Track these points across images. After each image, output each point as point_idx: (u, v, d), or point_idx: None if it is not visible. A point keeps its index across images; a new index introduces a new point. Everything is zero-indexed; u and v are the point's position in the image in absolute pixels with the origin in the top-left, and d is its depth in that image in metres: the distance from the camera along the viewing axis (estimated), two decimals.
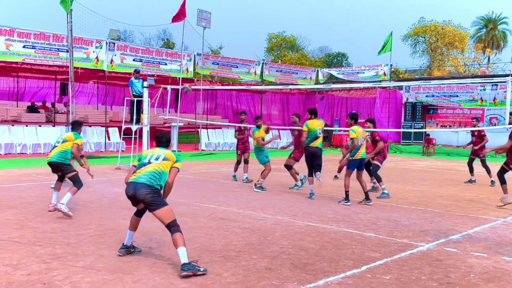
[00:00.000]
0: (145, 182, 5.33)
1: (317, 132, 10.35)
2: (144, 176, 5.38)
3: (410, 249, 6.36)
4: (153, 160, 5.53)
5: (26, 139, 18.62)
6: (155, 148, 5.80)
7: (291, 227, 7.41)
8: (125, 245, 5.68)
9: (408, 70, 49.36)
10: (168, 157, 5.59)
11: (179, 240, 5.17)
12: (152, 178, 5.38)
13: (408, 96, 29.53)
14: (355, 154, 9.58)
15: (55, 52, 19.11)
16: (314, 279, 5.04)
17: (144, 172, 5.41)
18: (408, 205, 9.79)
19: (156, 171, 5.43)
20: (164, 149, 5.76)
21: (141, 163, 5.57)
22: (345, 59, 57.68)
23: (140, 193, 5.28)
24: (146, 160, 5.55)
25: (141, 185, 5.30)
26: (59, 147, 8.20)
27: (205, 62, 24.69)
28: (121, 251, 5.64)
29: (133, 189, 5.34)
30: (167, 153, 5.64)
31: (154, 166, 5.46)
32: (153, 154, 5.62)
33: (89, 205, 8.75)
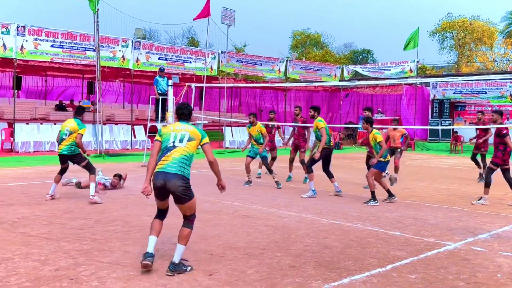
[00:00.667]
0: (176, 172, 4.95)
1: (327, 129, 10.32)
2: (173, 165, 4.97)
3: (437, 248, 6.26)
4: (178, 143, 5.07)
5: (54, 136, 18.94)
6: (177, 123, 5.32)
7: (315, 225, 7.37)
8: (151, 253, 5.04)
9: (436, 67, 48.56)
10: (192, 136, 5.15)
11: (185, 237, 5.05)
12: (182, 166, 4.99)
13: (435, 93, 29.03)
14: (387, 156, 9.48)
15: (82, 51, 19.43)
16: (338, 277, 5.00)
17: (172, 160, 4.98)
18: (435, 203, 9.64)
19: (184, 157, 5.03)
20: (186, 123, 5.29)
21: (165, 147, 5.09)
22: (371, 55, 57.11)
23: (172, 184, 4.94)
24: (170, 143, 5.08)
25: (173, 175, 4.93)
26: (67, 140, 8.85)
27: (229, 60, 24.76)
28: (150, 260, 4.97)
29: (163, 179, 4.95)
30: (191, 131, 5.18)
31: (181, 151, 5.04)
32: (177, 134, 5.13)
33: (115, 202, 8.87)
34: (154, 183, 5.04)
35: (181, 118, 5.35)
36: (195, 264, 5.30)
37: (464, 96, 28.14)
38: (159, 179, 4.98)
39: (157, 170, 5.03)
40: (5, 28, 17.40)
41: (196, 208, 5.37)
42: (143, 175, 12.89)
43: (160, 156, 5.10)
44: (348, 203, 9.37)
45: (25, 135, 18.12)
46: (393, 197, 9.55)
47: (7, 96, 25.92)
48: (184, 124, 5.27)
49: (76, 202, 8.70)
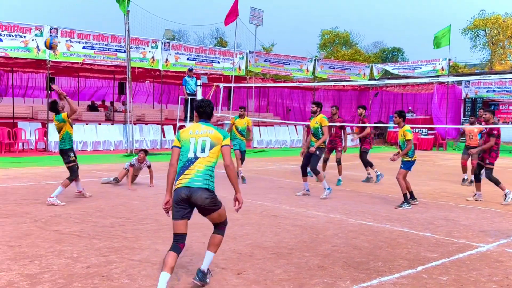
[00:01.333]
0: (202, 186, 4.47)
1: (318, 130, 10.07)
2: (199, 179, 4.47)
3: (469, 249, 6.13)
4: (200, 153, 4.53)
5: (87, 136, 19.41)
6: (198, 125, 4.70)
7: (343, 226, 7.32)
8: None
9: (468, 65, 47.50)
10: (214, 141, 4.59)
11: (216, 244, 4.70)
12: (207, 179, 4.52)
13: (467, 92, 28.38)
14: (414, 155, 9.17)
15: (113, 53, 19.78)
16: (367, 279, 4.95)
17: (197, 173, 4.48)
18: (467, 204, 9.44)
19: (209, 168, 4.54)
20: (206, 124, 4.70)
21: (187, 159, 4.53)
22: (401, 54, 56.24)
23: (198, 196, 4.45)
24: (191, 155, 4.53)
25: (198, 190, 4.45)
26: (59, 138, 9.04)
27: (257, 60, 24.80)
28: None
29: (188, 193, 4.45)
30: (212, 136, 4.60)
31: (205, 162, 4.53)
32: (197, 141, 4.56)
33: (145, 201, 9.00)
34: (177, 195, 4.48)
35: (202, 117, 4.79)
36: (224, 263, 5.34)
37: (498, 94, 27.40)
38: (182, 192, 4.46)
39: (181, 186, 4.47)
40: (39, 30, 17.87)
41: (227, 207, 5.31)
42: None
43: (182, 168, 4.55)
44: (377, 204, 9.26)
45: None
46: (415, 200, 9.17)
47: (40, 97, 26.62)
48: (205, 125, 4.68)
49: (107, 201, 8.87)
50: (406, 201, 8.95)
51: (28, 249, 5.68)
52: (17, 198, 8.89)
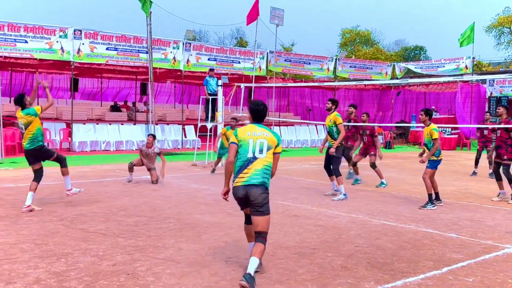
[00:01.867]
0: (259, 183, 4.82)
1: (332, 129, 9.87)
2: (257, 177, 4.83)
3: (495, 251, 6.02)
4: (258, 153, 4.87)
5: (110, 136, 19.67)
6: (254, 127, 5.01)
7: (366, 226, 7.27)
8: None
9: (492, 63, 46.62)
10: (270, 144, 4.93)
11: (260, 252, 4.71)
12: (264, 177, 4.87)
13: (492, 90, 27.87)
14: (440, 154, 8.98)
15: (136, 54, 20.00)
16: (392, 279, 4.91)
17: (255, 172, 4.83)
18: (493, 205, 9.27)
19: (266, 167, 4.88)
20: (262, 127, 5.01)
21: (245, 159, 4.87)
22: (424, 52, 55.57)
23: (253, 192, 4.78)
24: (250, 155, 4.87)
25: (255, 186, 4.81)
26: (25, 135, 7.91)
27: (277, 60, 24.78)
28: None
29: (244, 191, 4.82)
30: (269, 138, 4.93)
31: (263, 162, 4.87)
32: (255, 142, 4.89)
33: (168, 200, 9.08)
34: (235, 194, 4.92)
35: (256, 119, 5.10)
36: (246, 263, 5.34)
37: None
38: (241, 191, 4.85)
39: (239, 185, 4.85)
40: (63, 32, 18.18)
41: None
42: (194, 174, 13.19)
43: (240, 167, 4.90)
44: (400, 204, 9.17)
45: (82, 135, 18.87)
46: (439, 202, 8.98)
47: (65, 98, 27.07)
48: (261, 128, 5.00)
49: (130, 200, 8.97)
50: (430, 201, 8.80)
51: (55, 247, 5.79)
52: (43, 197, 9.06)
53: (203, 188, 10.56)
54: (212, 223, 7.21)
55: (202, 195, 9.73)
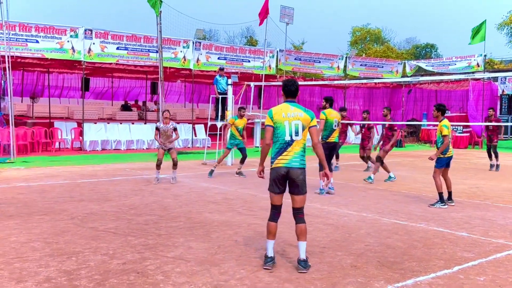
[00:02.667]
0: (299, 166, 5.14)
1: (333, 123, 10.04)
2: (296, 159, 5.12)
3: (507, 249, 5.96)
4: (295, 136, 5.12)
5: (121, 135, 19.78)
6: (287, 106, 5.20)
7: (376, 225, 7.23)
8: (271, 256, 5.18)
9: (504, 61, 46.10)
10: (304, 123, 5.16)
11: (303, 233, 5.12)
12: (302, 159, 5.18)
13: (504, 88, 27.59)
14: (447, 152, 8.85)
15: (146, 53, 20.10)
16: (402, 278, 4.88)
17: (295, 155, 5.12)
18: (505, 203, 9.18)
19: (303, 150, 5.19)
20: (294, 105, 5.22)
21: (283, 141, 5.12)
22: (435, 50, 55.12)
23: (294, 172, 5.11)
24: (287, 137, 5.11)
25: (295, 169, 5.12)
26: None
27: (287, 58, 24.74)
28: (269, 264, 5.11)
29: (286, 170, 5.11)
30: (302, 118, 5.15)
31: (300, 144, 5.16)
32: (290, 124, 5.11)
33: (178, 199, 9.11)
34: (276, 173, 5.14)
35: (288, 96, 5.29)
36: (256, 261, 5.35)
37: None
38: (282, 171, 5.11)
39: (281, 166, 5.11)
40: (74, 32, 18.31)
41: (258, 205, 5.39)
42: (204, 173, 13.23)
43: (280, 149, 5.15)
44: (411, 203, 9.11)
45: (93, 134, 18.99)
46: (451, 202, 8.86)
47: (76, 97, 27.27)
48: (294, 107, 5.20)
49: (140, 199, 9.02)
50: (441, 200, 8.73)
51: (65, 245, 5.84)
52: (54, 196, 9.13)
53: (213, 187, 10.58)
54: (222, 222, 7.22)
55: (212, 194, 9.74)
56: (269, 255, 5.18)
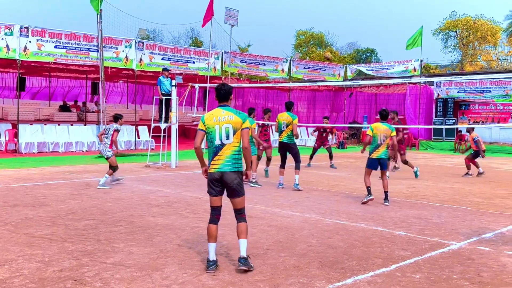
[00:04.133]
0: (231, 170, 5.18)
1: (281, 125, 10.97)
2: (228, 163, 5.17)
3: (441, 247, 6.23)
4: (225, 140, 5.17)
5: (58, 137, 19.06)
6: (219, 110, 5.27)
7: (319, 225, 7.36)
8: (213, 260, 5.15)
9: (439, 65, 48.40)
10: (235, 126, 5.20)
11: (245, 231, 5.23)
12: (235, 162, 5.21)
13: (439, 92, 28.91)
14: (372, 153, 9.31)
15: (86, 52, 19.47)
16: (342, 278, 4.98)
17: (226, 159, 5.17)
18: (440, 203, 9.60)
19: (234, 152, 5.20)
20: (226, 109, 5.26)
21: (214, 146, 5.19)
22: (374, 54, 56.96)
23: (228, 177, 5.18)
24: (217, 141, 5.18)
25: (229, 173, 5.17)
26: None
27: (232, 60, 24.76)
28: (212, 268, 5.07)
29: (220, 175, 5.19)
30: (233, 121, 5.19)
31: (231, 148, 5.19)
32: (221, 128, 5.16)
33: (119, 202, 8.88)
34: (211, 179, 5.24)
35: (220, 101, 5.34)
36: (199, 265, 5.29)
37: (468, 95, 28.00)
38: (216, 176, 5.20)
39: (214, 171, 5.20)
40: (8, 29, 17.45)
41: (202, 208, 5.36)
42: (147, 176, 12.94)
43: (212, 154, 5.23)
44: (352, 203, 9.34)
45: (29, 136, 18.18)
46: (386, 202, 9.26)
47: (11, 97, 26.03)
48: (225, 110, 5.25)
49: (79, 203, 8.71)
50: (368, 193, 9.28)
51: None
52: None
53: (156, 190, 10.40)
54: (165, 226, 7.10)
55: (155, 197, 9.57)
56: (210, 259, 5.15)
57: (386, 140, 9.28)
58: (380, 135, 9.24)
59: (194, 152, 5.40)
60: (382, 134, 9.25)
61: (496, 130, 26.31)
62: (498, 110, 26.94)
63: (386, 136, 9.26)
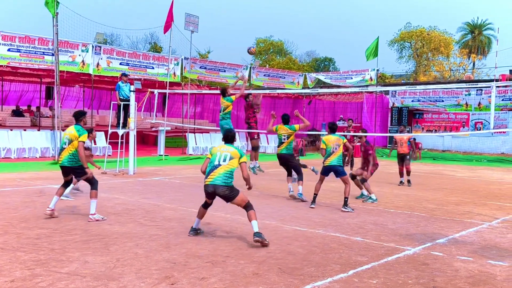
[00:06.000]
0: (221, 183, 6.62)
1: (281, 137, 10.97)
2: (219, 178, 6.63)
3: (397, 253, 6.38)
4: (222, 162, 6.70)
5: (11, 143, 18.39)
6: (223, 145, 6.97)
7: (278, 232, 7.39)
8: (195, 228, 6.96)
9: (395, 75, 49.78)
10: (233, 156, 6.76)
11: (253, 215, 6.63)
12: (225, 178, 6.65)
13: (394, 101, 29.74)
14: (325, 161, 9.85)
15: (41, 56, 18.90)
16: (301, 284, 5.02)
17: (218, 175, 6.65)
18: (395, 209, 9.84)
19: (227, 172, 6.66)
20: (229, 145, 6.95)
21: (212, 165, 6.74)
22: (332, 63, 58.03)
23: (220, 191, 6.64)
24: (216, 162, 6.72)
25: (219, 186, 6.61)
26: (67, 149, 7.99)
27: (192, 66, 24.63)
28: (191, 233, 6.89)
29: (213, 188, 6.67)
30: (232, 152, 6.79)
31: (225, 168, 6.67)
32: (221, 154, 6.77)
33: (75, 210, 8.64)
34: (205, 190, 6.76)
35: (226, 141, 7.06)
36: (157, 273, 5.22)
37: (422, 104, 28.95)
38: (209, 188, 6.71)
39: (208, 183, 6.71)
40: None
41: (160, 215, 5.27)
42: (103, 183, 12.70)
43: (209, 171, 6.76)
44: (311, 210, 9.44)
45: None
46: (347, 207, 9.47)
47: None
48: (228, 146, 6.95)
49: (32, 211, 8.42)
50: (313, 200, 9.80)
51: None
52: None
53: (113, 197, 10.19)
54: (122, 234, 6.96)
55: (112, 204, 9.37)
56: (194, 226, 6.97)
57: (339, 148, 9.79)
58: (333, 145, 9.81)
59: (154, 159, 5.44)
60: (334, 143, 9.81)
61: (448, 138, 27.27)
62: (451, 119, 27.95)
63: (339, 145, 9.81)
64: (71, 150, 7.97)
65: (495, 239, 7.33)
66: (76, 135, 7.98)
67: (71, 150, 7.97)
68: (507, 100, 25.80)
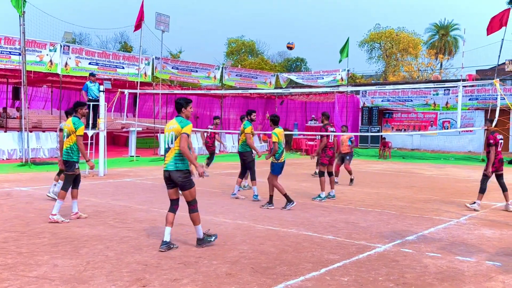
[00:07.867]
0: (173, 169, 6.19)
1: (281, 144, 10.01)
2: (171, 163, 6.21)
3: (368, 250, 6.46)
4: (170, 144, 6.23)
5: None
6: (172, 121, 6.33)
7: (251, 232, 7.40)
8: (167, 242, 6.19)
9: (365, 75, 50.45)
10: (176, 133, 6.19)
11: (197, 219, 6.35)
12: (175, 162, 6.20)
13: (364, 101, 30.15)
14: (280, 157, 9.61)
15: (7, 55, 18.42)
16: (274, 283, 5.04)
17: (170, 160, 6.22)
18: (366, 207, 9.97)
19: (176, 155, 6.19)
20: (176, 119, 6.29)
21: (165, 150, 6.32)
22: (304, 64, 58.41)
23: (173, 175, 6.20)
24: (167, 145, 6.28)
25: (172, 171, 6.20)
26: (65, 143, 7.98)
27: (164, 66, 24.41)
28: (164, 247, 6.13)
29: (168, 174, 6.25)
30: (175, 129, 6.20)
31: (173, 151, 6.20)
32: (168, 134, 6.26)
33: (43, 213, 8.45)
34: (163, 174, 6.33)
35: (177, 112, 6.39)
36: (129, 276, 5.15)
37: (392, 104, 29.43)
38: (165, 174, 6.30)
39: (164, 169, 6.30)
40: None
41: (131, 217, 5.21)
42: None
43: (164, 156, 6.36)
44: (284, 210, 9.47)
45: None
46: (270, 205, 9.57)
47: None
48: (175, 120, 6.29)
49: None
50: (288, 200, 9.46)
51: None
52: None
53: (83, 199, 10.00)
54: (92, 236, 6.85)
55: (82, 206, 9.19)
56: (164, 239, 6.19)
57: None
58: (283, 139, 9.69)
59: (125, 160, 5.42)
60: (283, 137, 9.73)
61: (417, 137, 27.80)
62: (419, 119, 28.49)
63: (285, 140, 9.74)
64: (68, 143, 7.95)
65: (462, 236, 7.51)
66: (73, 129, 7.94)
67: (69, 143, 7.95)
68: (474, 99, 26.46)
